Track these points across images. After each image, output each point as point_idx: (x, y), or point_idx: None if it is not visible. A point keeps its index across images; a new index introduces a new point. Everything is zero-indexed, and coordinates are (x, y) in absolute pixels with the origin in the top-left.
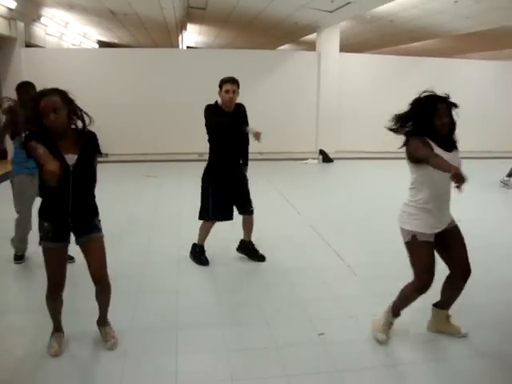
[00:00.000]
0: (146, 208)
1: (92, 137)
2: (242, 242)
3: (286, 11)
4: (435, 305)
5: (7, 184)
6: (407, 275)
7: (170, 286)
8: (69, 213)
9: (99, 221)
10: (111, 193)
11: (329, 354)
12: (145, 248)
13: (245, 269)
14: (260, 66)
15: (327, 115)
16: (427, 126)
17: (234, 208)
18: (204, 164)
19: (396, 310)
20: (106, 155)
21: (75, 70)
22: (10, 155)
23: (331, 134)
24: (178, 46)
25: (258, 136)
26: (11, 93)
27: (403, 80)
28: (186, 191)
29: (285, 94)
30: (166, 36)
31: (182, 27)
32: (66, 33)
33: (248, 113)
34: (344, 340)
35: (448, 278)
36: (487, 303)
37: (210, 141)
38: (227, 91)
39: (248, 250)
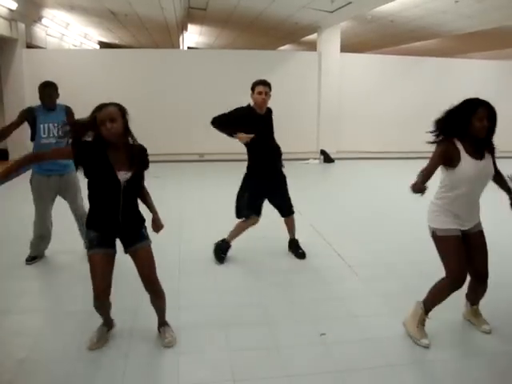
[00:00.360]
0: (146, 208)
1: (143, 153)
2: (289, 240)
3: (286, 12)
4: (466, 295)
5: (9, 185)
6: (408, 275)
7: (172, 286)
8: (118, 225)
9: (145, 228)
10: None
11: (330, 354)
12: None
13: (246, 269)
14: (261, 67)
15: (328, 115)
16: (463, 124)
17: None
18: (204, 164)
19: (428, 306)
20: None
21: (76, 70)
22: (12, 156)
23: (332, 134)
24: (178, 47)
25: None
26: (12, 93)
27: (404, 80)
28: (187, 192)
29: (286, 95)
30: (166, 37)
31: (183, 28)
32: (67, 34)
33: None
34: (345, 340)
35: (470, 281)
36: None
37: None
38: (260, 93)
39: (291, 246)
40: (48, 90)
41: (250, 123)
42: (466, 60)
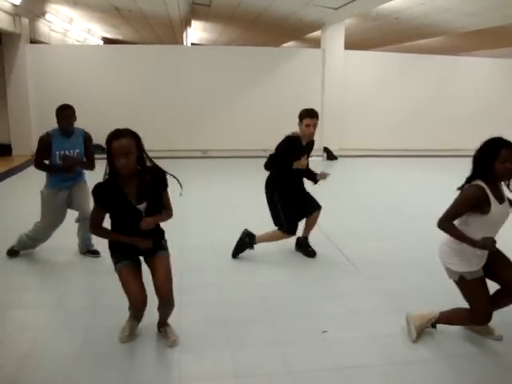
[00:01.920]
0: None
1: (159, 176)
2: (298, 239)
3: (290, 8)
4: None
5: (13, 180)
6: (411, 273)
7: (174, 283)
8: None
9: (166, 241)
10: None
11: (332, 351)
12: None
13: (248, 266)
14: (264, 64)
15: (332, 112)
16: (486, 168)
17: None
18: (208, 161)
19: (440, 322)
20: None
21: (80, 66)
22: (15, 151)
23: (335, 131)
24: (182, 43)
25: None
26: (16, 89)
27: (408, 77)
28: (189, 189)
29: (289, 91)
30: (170, 33)
31: (187, 24)
32: (71, 29)
33: (252, 111)
34: (347, 337)
35: (499, 289)
36: None
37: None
38: (308, 125)
39: (301, 244)
40: (65, 113)
41: (295, 152)
42: (470, 58)
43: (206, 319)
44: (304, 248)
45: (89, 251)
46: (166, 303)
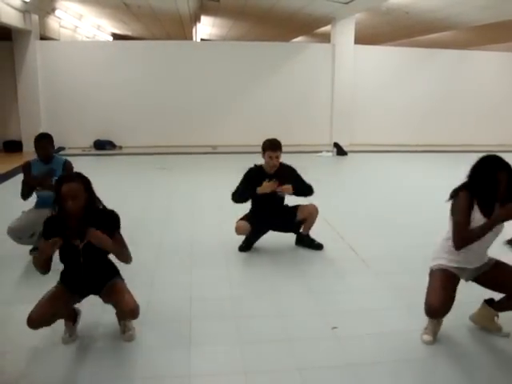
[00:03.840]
0: (158, 201)
1: (109, 218)
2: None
3: (300, 3)
4: (488, 302)
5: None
6: (421, 269)
7: (184, 279)
8: (82, 283)
9: (120, 278)
10: (124, 185)
11: (342, 347)
12: (158, 241)
13: (257, 262)
14: (274, 59)
15: (342, 108)
16: (487, 194)
17: None
18: (218, 156)
19: None
20: (120, 148)
21: (89, 62)
22: (26, 147)
23: (345, 126)
24: (191, 39)
25: (285, 189)
26: (26, 85)
27: (418, 72)
28: (199, 184)
29: (299, 87)
30: (179, 28)
31: (196, 19)
32: (80, 25)
33: (262, 106)
34: (357, 334)
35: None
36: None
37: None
38: (270, 157)
39: (304, 241)
40: (42, 143)
41: (257, 180)
42: (481, 52)
43: (216, 315)
44: (309, 243)
45: None
46: (135, 317)
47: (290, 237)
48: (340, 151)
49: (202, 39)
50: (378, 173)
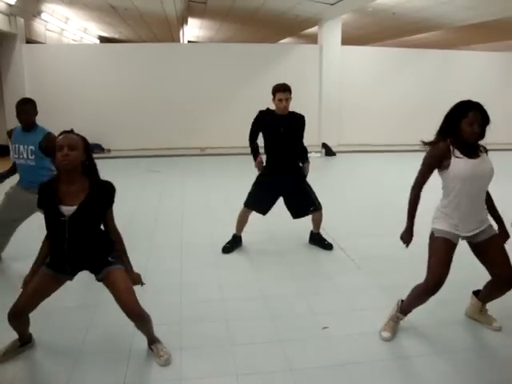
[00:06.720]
0: (148, 203)
1: (108, 190)
2: (310, 233)
3: (287, 4)
4: (475, 293)
5: (12, 180)
6: (411, 268)
7: (174, 281)
8: (65, 257)
9: (116, 257)
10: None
11: (333, 347)
12: (148, 243)
13: (248, 263)
14: (262, 60)
15: (329, 108)
16: (453, 127)
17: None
18: (206, 158)
19: (405, 308)
20: (108, 151)
21: (76, 65)
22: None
23: (334, 127)
24: (179, 41)
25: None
26: (12, 89)
27: (406, 72)
28: (188, 186)
29: None
30: (167, 30)
31: (183, 21)
32: (67, 28)
33: (250, 108)
34: (348, 333)
35: (490, 282)
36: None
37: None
38: (280, 100)
39: (315, 240)
40: (25, 107)
41: (268, 122)
42: (468, 52)
43: (206, 317)
44: (320, 242)
45: None
46: (137, 318)
47: (280, 239)
48: (328, 152)
49: (189, 41)
50: (366, 173)
